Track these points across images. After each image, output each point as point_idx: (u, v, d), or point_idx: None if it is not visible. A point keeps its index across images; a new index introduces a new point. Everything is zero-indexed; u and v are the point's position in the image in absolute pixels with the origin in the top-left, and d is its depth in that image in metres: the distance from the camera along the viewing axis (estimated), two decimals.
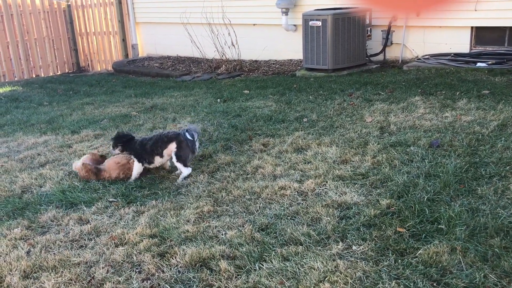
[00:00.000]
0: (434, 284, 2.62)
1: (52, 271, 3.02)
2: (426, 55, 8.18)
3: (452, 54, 7.86)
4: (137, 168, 4.39)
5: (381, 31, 8.62)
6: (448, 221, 3.15)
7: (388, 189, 3.71)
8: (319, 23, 7.92)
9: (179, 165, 4.26)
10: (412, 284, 2.62)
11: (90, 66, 12.97)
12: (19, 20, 11.62)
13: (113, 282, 2.85)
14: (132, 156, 4.40)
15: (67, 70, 12.72)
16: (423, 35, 8.31)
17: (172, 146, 4.27)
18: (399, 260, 2.84)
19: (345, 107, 6.02)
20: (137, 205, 3.87)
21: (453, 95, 5.99)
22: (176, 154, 4.25)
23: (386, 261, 2.84)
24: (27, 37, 11.84)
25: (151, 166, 4.43)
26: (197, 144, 4.31)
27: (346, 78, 7.70)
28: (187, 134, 4.25)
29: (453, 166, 3.94)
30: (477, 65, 7.39)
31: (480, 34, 7.84)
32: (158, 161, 4.38)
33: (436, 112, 5.42)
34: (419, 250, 2.90)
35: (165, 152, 4.31)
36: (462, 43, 7.93)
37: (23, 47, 11.78)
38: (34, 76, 12.01)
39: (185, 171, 4.27)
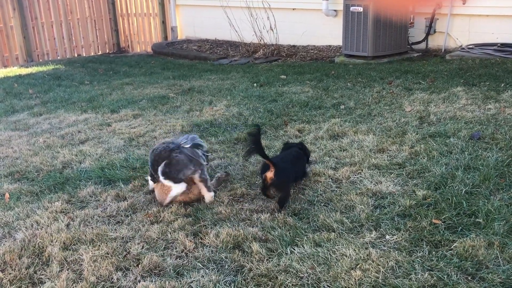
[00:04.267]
0: (469, 278, 2.57)
1: (90, 244, 3.12)
2: (470, 45, 7.92)
3: (499, 44, 7.57)
4: None
5: (425, 18, 8.38)
6: (487, 215, 3.07)
7: (425, 180, 3.65)
8: (360, 9, 7.77)
9: None
10: (445, 276, 2.58)
11: (130, 47, 13.17)
12: None
13: (148, 258, 2.92)
14: None
15: (107, 51, 12.95)
16: (469, 24, 8.03)
17: None
18: (433, 252, 2.79)
19: (384, 96, 5.92)
20: None
21: (497, 87, 5.79)
22: None
23: (419, 252, 2.81)
24: (70, 17, 12.09)
25: None
26: None
27: (386, 66, 7.55)
28: None
29: (494, 159, 3.82)
30: None
31: None
32: None
33: (479, 103, 5.26)
34: (455, 242, 2.85)
35: None
36: (510, 33, 7.62)
37: (66, 26, 12.05)
38: (76, 55, 12.28)
39: None
